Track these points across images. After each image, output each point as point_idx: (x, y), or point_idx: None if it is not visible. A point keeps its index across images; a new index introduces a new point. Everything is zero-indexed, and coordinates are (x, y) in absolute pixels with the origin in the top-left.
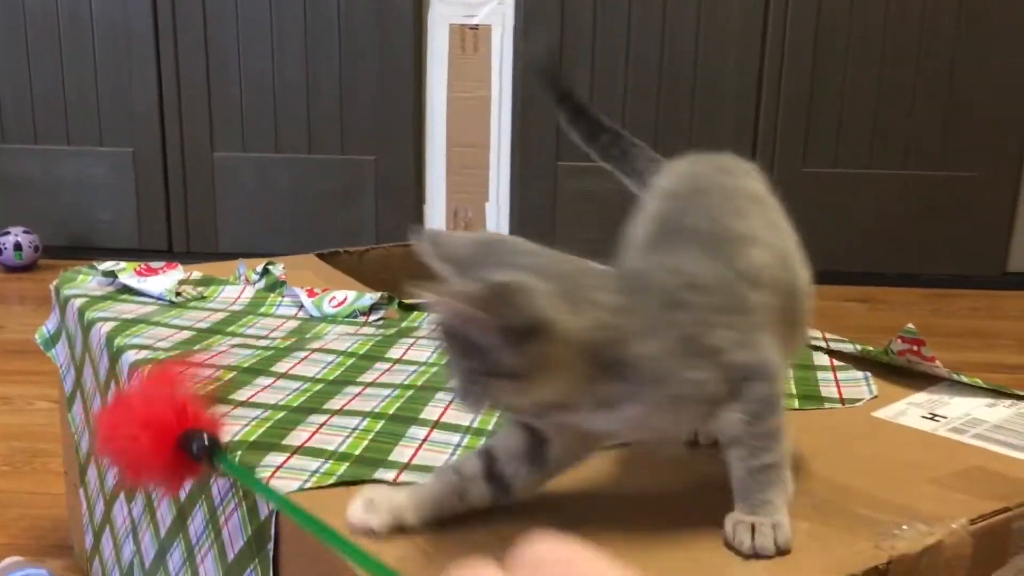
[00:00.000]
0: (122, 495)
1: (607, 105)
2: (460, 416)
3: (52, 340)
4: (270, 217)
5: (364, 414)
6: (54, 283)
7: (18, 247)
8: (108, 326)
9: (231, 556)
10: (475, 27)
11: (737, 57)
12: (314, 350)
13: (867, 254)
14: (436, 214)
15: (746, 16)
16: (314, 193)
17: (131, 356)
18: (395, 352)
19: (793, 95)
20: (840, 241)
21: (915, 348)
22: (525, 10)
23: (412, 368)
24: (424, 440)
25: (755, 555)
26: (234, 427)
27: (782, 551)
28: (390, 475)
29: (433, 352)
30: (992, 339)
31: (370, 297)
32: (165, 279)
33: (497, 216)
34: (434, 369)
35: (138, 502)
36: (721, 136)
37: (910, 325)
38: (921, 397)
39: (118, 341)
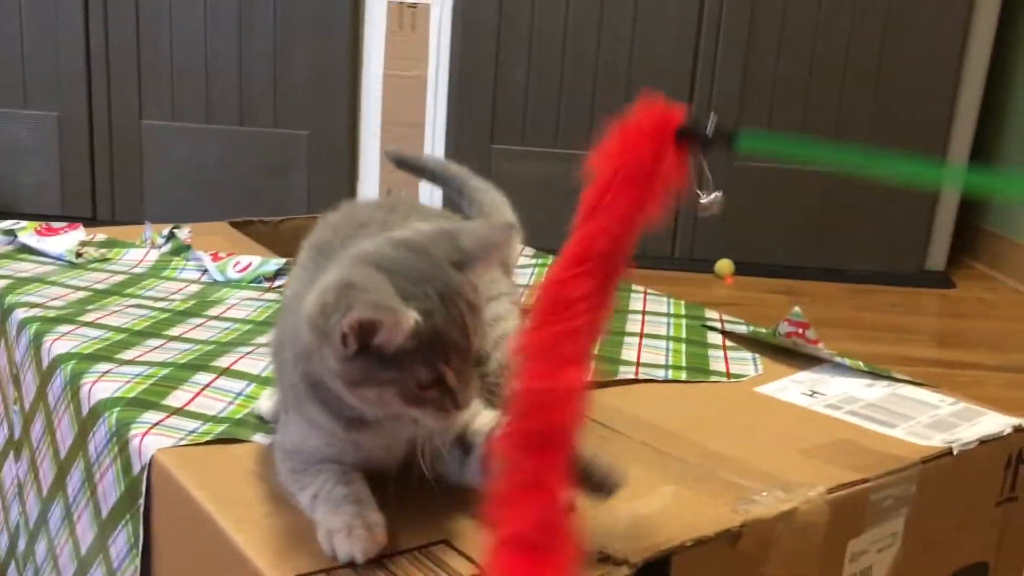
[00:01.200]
0: (10, 455)
1: (542, 93)
2: None
3: None
4: (199, 189)
5: (251, 378)
6: None
7: None
8: (1, 283)
9: (105, 512)
10: (414, 5)
11: (673, 49)
12: (211, 317)
13: (792, 248)
14: (369, 191)
15: (681, 8)
16: (245, 166)
17: (20, 314)
18: None
19: (724, 91)
20: (766, 235)
21: (800, 331)
22: None
23: None
24: None
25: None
26: (114, 384)
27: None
28: (268, 439)
29: None
30: (907, 334)
31: (276, 263)
32: (66, 239)
33: (431, 195)
34: None
35: (23, 461)
36: None
37: (796, 308)
38: (804, 376)
39: (9, 299)
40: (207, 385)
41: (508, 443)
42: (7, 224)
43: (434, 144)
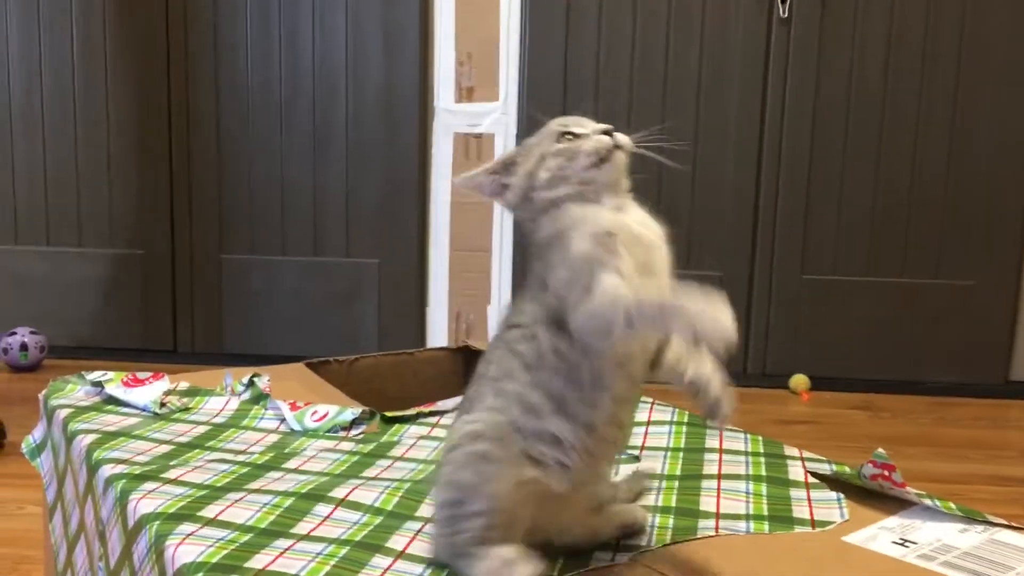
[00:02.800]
0: None
1: None
2: (424, 547)
3: (38, 449)
4: (275, 318)
5: (330, 540)
6: (43, 392)
7: (24, 348)
8: (89, 438)
9: None
10: (479, 136)
11: (735, 167)
12: (290, 470)
13: (868, 361)
14: (438, 317)
15: (742, 125)
16: (318, 295)
17: (107, 471)
18: (370, 473)
19: (790, 204)
20: (840, 348)
21: (886, 473)
22: (527, 120)
23: (385, 485)
24: (386, 570)
25: None
26: (197, 548)
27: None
28: None
29: (408, 471)
30: (995, 450)
31: (351, 412)
32: (150, 390)
33: (498, 304)
34: (407, 486)
35: None
36: (719, 245)
37: (880, 450)
38: (893, 521)
39: (97, 454)
40: (287, 549)
41: None
42: (95, 376)
43: (501, 268)
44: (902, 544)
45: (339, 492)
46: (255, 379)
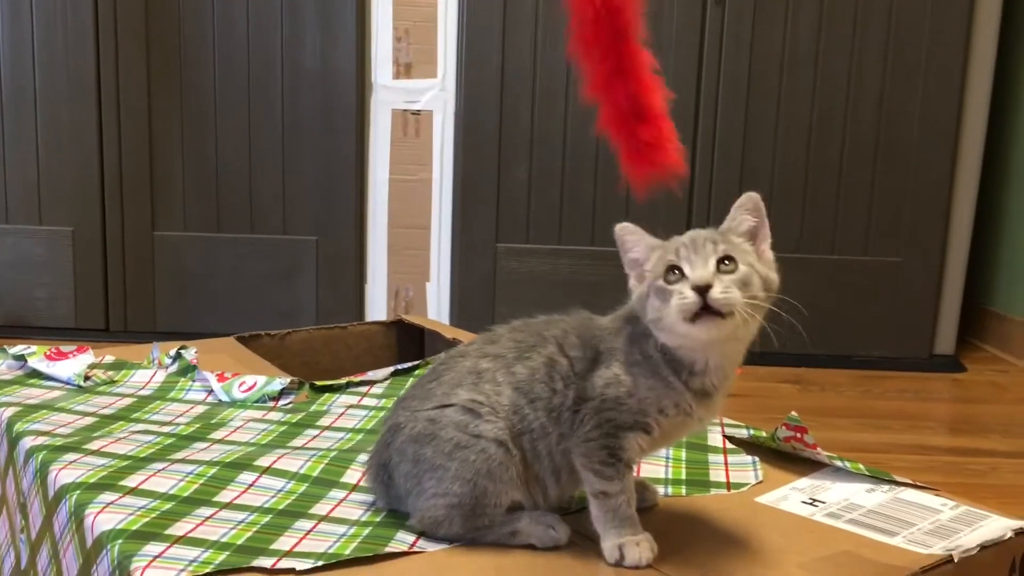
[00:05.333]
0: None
1: (544, 194)
2: (350, 511)
3: None
4: (210, 296)
5: (253, 509)
6: None
7: None
8: (11, 411)
9: None
10: (417, 113)
11: None
12: (216, 441)
13: (798, 336)
14: (377, 294)
15: (676, 110)
16: (255, 273)
17: (28, 442)
18: (297, 442)
19: (723, 184)
20: (772, 323)
21: (798, 435)
22: (466, 97)
23: (311, 453)
24: (309, 532)
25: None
26: (117, 516)
27: None
28: (268, 562)
29: (337, 440)
30: (918, 421)
31: (280, 382)
32: (74, 363)
33: (438, 296)
34: (334, 454)
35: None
36: (654, 216)
37: (793, 413)
38: (804, 482)
39: (18, 427)
40: (209, 517)
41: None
42: (18, 349)
43: (440, 244)
44: (811, 504)
45: (264, 461)
46: (182, 351)
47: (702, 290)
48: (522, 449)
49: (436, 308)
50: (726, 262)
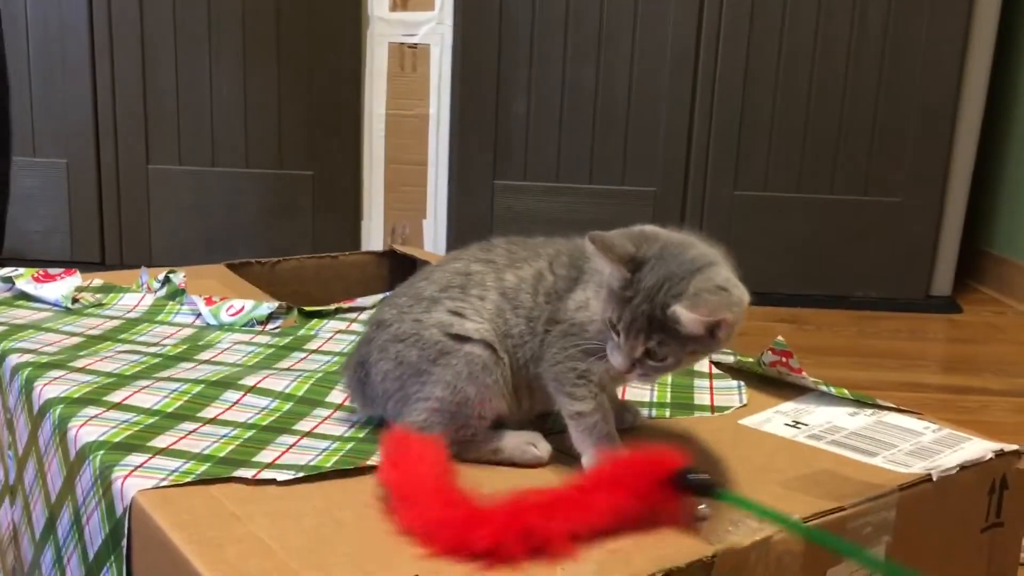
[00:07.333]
0: (6, 500)
1: (542, 130)
2: (333, 428)
3: None
4: (205, 231)
5: (236, 424)
6: None
7: None
8: None
9: (91, 555)
10: (414, 46)
11: (670, 85)
12: (202, 361)
13: (796, 276)
14: (374, 230)
15: (678, 45)
16: (250, 208)
17: (13, 360)
18: (284, 364)
19: (724, 122)
20: (770, 263)
21: (784, 360)
22: (463, 30)
23: (297, 374)
24: (291, 446)
25: None
26: (100, 428)
27: None
28: (249, 473)
29: (323, 363)
30: (911, 360)
31: (268, 306)
32: (62, 285)
33: (435, 233)
34: (319, 375)
35: (18, 506)
36: (654, 161)
37: (780, 338)
38: (788, 406)
39: (3, 345)
40: (192, 431)
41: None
42: (5, 271)
43: (437, 181)
44: (794, 426)
45: (250, 380)
46: (171, 276)
47: (633, 364)
48: (508, 353)
49: (432, 245)
50: (655, 350)
